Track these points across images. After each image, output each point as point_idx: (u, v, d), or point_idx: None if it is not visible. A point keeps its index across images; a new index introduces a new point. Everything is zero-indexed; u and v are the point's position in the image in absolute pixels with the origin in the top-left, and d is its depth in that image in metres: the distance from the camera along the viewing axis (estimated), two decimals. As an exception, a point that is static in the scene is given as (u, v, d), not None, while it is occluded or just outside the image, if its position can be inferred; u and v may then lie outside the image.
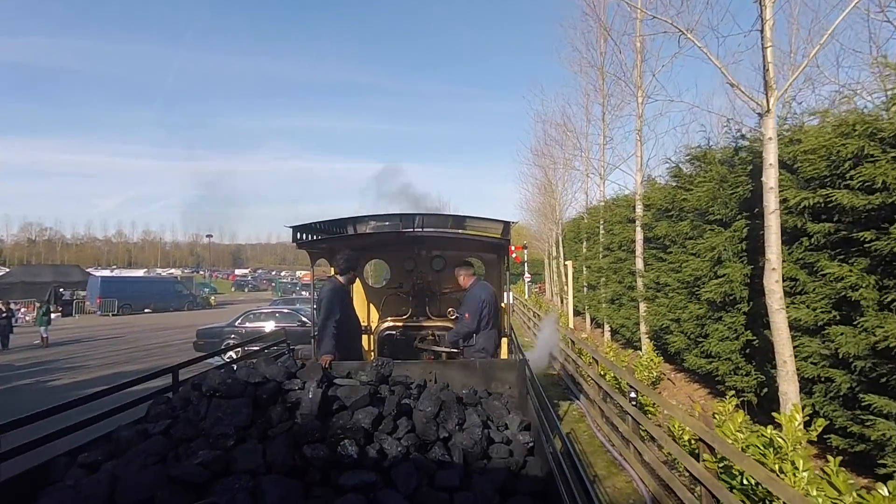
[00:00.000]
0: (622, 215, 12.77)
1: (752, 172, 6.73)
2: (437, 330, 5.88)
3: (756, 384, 6.47)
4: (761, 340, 6.41)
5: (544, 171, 23.74)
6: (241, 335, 12.87)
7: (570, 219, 22.45)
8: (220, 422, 2.44)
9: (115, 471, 2.28)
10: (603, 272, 14.11)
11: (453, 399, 3.04)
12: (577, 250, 18.97)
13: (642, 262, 10.64)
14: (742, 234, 6.84)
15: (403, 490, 2.27)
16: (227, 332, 13.31)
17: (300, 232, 4.93)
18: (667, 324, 9.01)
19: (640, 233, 10.71)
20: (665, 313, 9.12)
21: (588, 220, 17.11)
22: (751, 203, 6.69)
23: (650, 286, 10.11)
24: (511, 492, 2.46)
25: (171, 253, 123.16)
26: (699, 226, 7.84)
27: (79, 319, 28.16)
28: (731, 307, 6.95)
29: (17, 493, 2.30)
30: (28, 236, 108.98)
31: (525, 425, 3.04)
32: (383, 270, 8.04)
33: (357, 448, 2.40)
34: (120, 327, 22.66)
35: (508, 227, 5.07)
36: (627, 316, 12.03)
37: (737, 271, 6.70)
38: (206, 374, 2.93)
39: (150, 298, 32.59)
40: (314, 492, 2.25)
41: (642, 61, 11.16)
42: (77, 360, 13.75)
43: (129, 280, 36.40)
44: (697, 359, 7.74)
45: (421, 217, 5.33)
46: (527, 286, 29.49)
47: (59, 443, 2.68)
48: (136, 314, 30.56)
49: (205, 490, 2.18)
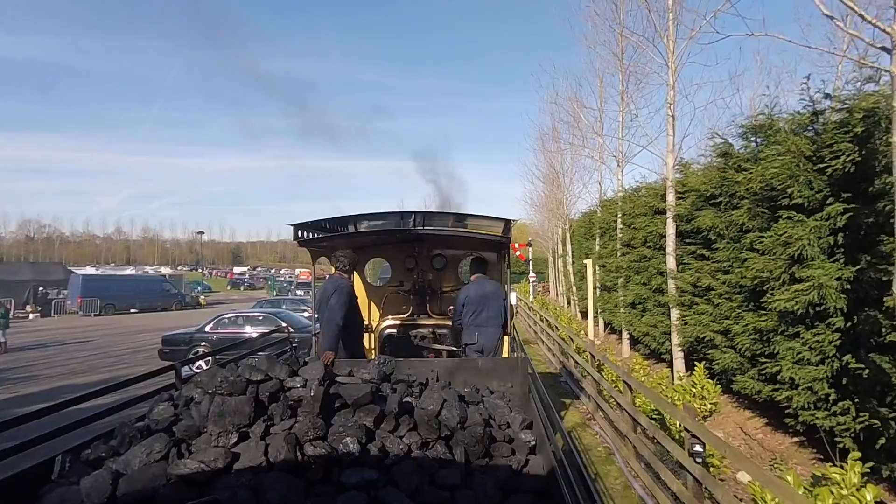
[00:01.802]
0: (647, 206, 10.93)
1: (860, 138, 5.06)
2: (438, 328, 5.93)
3: (860, 428, 4.77)
4: (870, 369, 4.79)
5: (550, 163, 22.49)
6: (212, 342, 11.78)
7: (581, 213, 21.00)
8: (222, 419, 2.47)
9: (117, 467, 2.32)
10: (622, 272, 12.37)
11: (455, 397, 3.06)
12: (588, 247, 17.42)
13: (674, 261, 9.07)
14: (837, 222, 5.13)
15: (405, 488, 2.30)
16: (197, 338, 12.07)
17: (301, 230, 4.96)
18: (709, 336, 7.45)
19: (672, 225, 9.07)
20: (708, 323, 7.55)
21: (603, 214, 15.37)
22: (853, 180, 5.20)
23: (685, 290, 8.52)
24: (512, 490, 2.49)
25: (171, 250, 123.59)
26: (764, 214, 6.21)
27: (57, 320, 27.26)
28: (818, 321, 5.33)
29: (19, 490, 2.34)
30: (26, 233, 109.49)
31: (527, 424, 3.07)
32: (379, 269, 8.07)
33: (359, 446, 2.43)
34: (96, 329, 21.47)
35: (509, 226, 5.08)
36: (653, 323, 10.25)
37: (829, 274, 5.07)
38: (208, 372, 2.97)
39: (136, 298, 31.74)
40: (316, 489, 2.28)
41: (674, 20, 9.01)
42: (31, 369, 12.46)
43: (113, 278, 34.79)
44: (756, 382, 6.33)
45: (422, 215, 5.36)
46: (531, 286, 28.01)
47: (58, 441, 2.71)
48: (120, 314, 29.67)
49: (207, 487, 2.21)
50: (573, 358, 9.14)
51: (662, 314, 9.81)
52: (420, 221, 5.32)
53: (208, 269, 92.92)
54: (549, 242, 29.65)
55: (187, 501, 2.08)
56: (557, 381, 10.02)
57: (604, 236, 15.33)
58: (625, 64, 12.72)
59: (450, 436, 2.77)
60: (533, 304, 19.96)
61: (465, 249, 6.50)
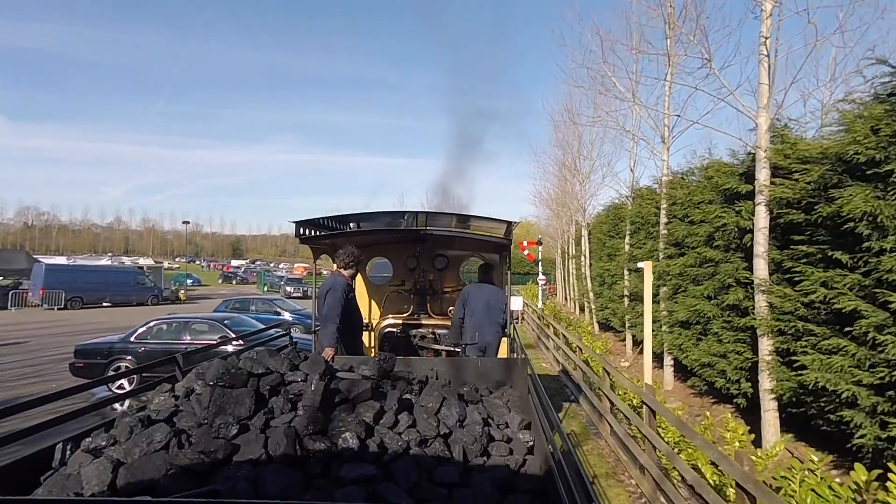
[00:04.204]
0: (718, 190, 7.81)
1: None
2: (438, 329, 5.99)
3: None
4: None
5: (567, 143, 19.66)
6: (139, 355, 9.33)
7: (601, 207, 18.32)
8: (223, 411, 2.53)
9: (117, 456, 2.38)
10: (666, 279, 9.62)
11: (454, 396, 3.11)
12: (614, 247, 14.65)
13: (766, 267, 6.36)
14: None
15: (403, 484, 2.35)
16: (119, 350, 9.55)
17: (304, 227, 5.01)
18: (845, 388, 4.87)
19: (765, 215, 6.35)
20: (844, 368, 4.98)
21: (637, 205, 12.58)
22: None
23: (790, 310, 5.88)
24: (510, 489, 2.53)
25: (171, 241, 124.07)
26: None
27: (14, 314, 24.94)
28: None
29: (19, 478, 2.40)
30: (24, 220, 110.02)
31: (526, 424, 3.11)
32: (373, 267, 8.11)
33: (358, 441, 2.48)
34: (50, 327, 19.45)
35: (511, 228, 5.16)
36: (720, 352, 7.41)
37: None
38: (210, 364, 3.02)
39: (107, 290, 29.77)
40: (315, 483, 2.33)
41: None
42: None
43: (81, 269, 32.05)
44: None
45: (424, 215, 5.41)
46: (540, 291, 23.88)
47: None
48: (89, 308, 27.52)
49: (207, 478, 2.27)
50: (609, 398, 6.72)
51: (742, 343, 7.03)
52: (423, 221, 5.37)
53: (206, 262, 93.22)
54: (559, 241, 27.67)
55: (187, 491, 2.13)
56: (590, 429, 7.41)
57: (637, 234, 12.41)
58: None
59: (448, 434, 2.82)
60: (544, 313, 16.18)
61: (467, 250, 6.56)
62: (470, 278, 7.18)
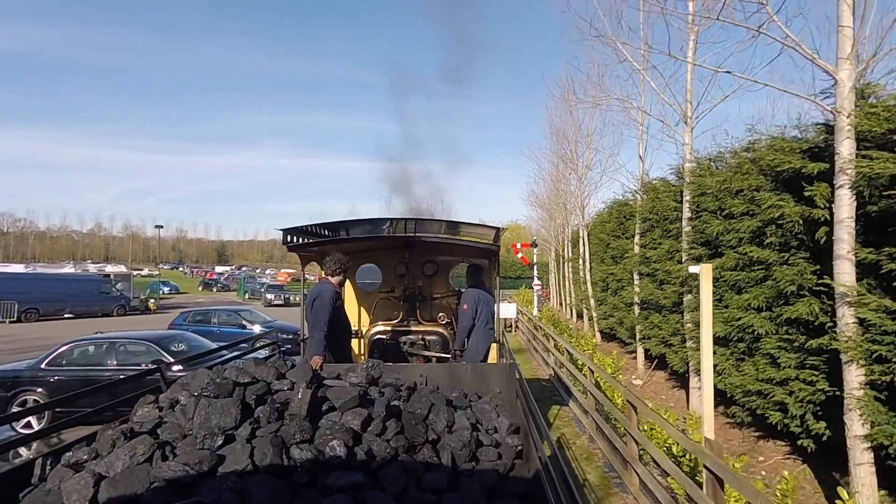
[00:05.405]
0: (770, 173, 5.97)
1: None
2: (428, 335, 6.01)
3: None
4: None
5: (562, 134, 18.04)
6: (51, 386, 7.70)
7: (605, 204, 16.75)
8: (208, 422, 2.52)
9: (99, 470, 2.35)
10: (695, 285, 7.70)
11: (443, 401, 3.14)
12: (618, 248, 13.04)
13: (852, 271, 4.49)
14: None
15: (391, 491, 2.37)
16: (27, 378, 7.84)
17: (291, 234, 4.99)
18: None
19: (851, 202, 4.48)
20: None
21: (650, 199, 10.60)
22: None
23: (892, 330, 4.26)
24: (499, 494, 2.56)
25: (153, 248, 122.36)
26: None
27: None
28: None
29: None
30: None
31: (514, 429, 3.14)
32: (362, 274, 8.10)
33: (345, 449, 2.49)
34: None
35: (499, 234, 5.23)
36: (776, 378, 5.70)
37: None
38: (194, 374, 3.00)
39: (67, 300, 27.45)
40: (301, 492, 2.34)
41: None
42: None
43: (37, 278, 29.59)
44: None
45: (413, 222, 5.43)
46: (536, 297, 21.80)
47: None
48: (46, 320, 25.42)
49: (191, 490, 2.26)
50: (637, 441, 5.08)
51: (806, 367, 5.34)
52: (412, 228, 5.39)
53: (189, 268, 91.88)
54: (553, 244, 26.42)
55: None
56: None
57: (651, 232, 10.54)
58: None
59: (437, 439, 2.84)
60: (540, 322, 13.83)
61: (456, 256, 6.61)
62: (460, 283, 7.22)
